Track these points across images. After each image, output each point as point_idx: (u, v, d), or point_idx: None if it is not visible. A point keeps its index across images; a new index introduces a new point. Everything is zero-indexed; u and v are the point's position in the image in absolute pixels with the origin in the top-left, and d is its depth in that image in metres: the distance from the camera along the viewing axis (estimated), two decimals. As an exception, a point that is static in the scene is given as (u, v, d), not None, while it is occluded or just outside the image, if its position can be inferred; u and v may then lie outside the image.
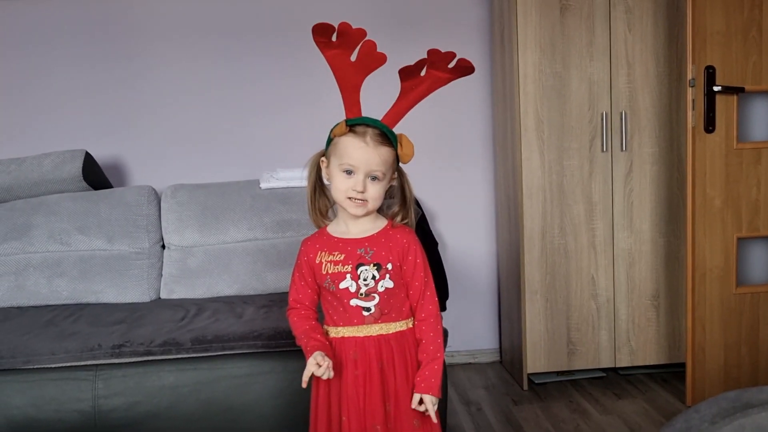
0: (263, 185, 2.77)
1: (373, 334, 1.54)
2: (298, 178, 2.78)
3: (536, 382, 2.95)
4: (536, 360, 2.89)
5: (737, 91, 2.50)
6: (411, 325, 1.59)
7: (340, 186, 1.53)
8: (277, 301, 2.45)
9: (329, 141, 1.58)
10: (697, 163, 2.53)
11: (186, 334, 2.10)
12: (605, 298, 2.89)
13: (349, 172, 1.51)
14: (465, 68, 1.54)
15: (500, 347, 3.29)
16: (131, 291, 2.60)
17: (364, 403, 1.54)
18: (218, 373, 2.05)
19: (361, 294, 1.54)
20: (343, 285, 1.54)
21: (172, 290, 2.63)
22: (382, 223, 1.60)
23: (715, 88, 2.48)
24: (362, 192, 1.51)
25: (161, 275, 2.68)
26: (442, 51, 1.50)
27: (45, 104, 3.06)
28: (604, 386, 2.89)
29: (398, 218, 1.60)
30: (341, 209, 1.58)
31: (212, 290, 2.61)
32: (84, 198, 2.72)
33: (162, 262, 2.70)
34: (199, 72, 3.10)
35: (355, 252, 1.55)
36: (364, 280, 1.53)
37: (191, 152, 3.11)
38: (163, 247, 2.74)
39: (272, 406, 2.04)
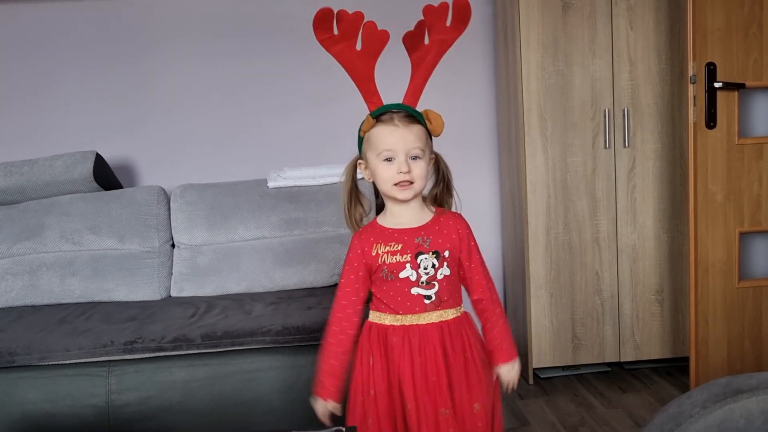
0: (271, 184, 2.82)
1: (435, 321, 1.56)
2: (305, 176, 2.83)
3: (542, 376, 2.98)
4: (541, 355, 2.92)
5: (738, 87, 2.52)
6: (463, 311, 1.61)
7: (384, 174, 1.53)
8: (285, 298, 2.50)
9: (360, 141, 1.59)
10: (699, 158, 2.55)
11: (196, 331, 2.15)
12: (609, 293, 2.92)
13: (389, 160, 1.52)
14: (462, 12, 1.54)
15: (506, 343, 3.32)
16: (142, 289, 2.65)
17: (429, 389, 1.54)
18: (228, 368, 2.10)
19: (422, 282, 1.55)
20: (403, 274, 1.54)
21: (182, 288, 2.68)
22: (430, 212, 1.61)
23: (716, 85, 2.50)
24: (408, 173, 1.51)
25: (171, 273, 2.72)
26: (435, 6, 1.53)
27: (56, 106, 3.11)
28: (609, 380, 2.92)
29: (440, 202, 1.63)
30: (389, 200, 1.58)
31: (221, 288, 2.66)
32: (95, 198, 2.77)
33: (172, 260, 2.75)
34: (207, 73, 3.14)
35: (413, 241, 1.55)
36: (425, 268, 1.54)
37: (200, 152, 3.16)
38: (173, 246, 2.79)
39: (281, 400, 2.09)
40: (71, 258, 2.68)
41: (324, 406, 1.61)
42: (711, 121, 2.53)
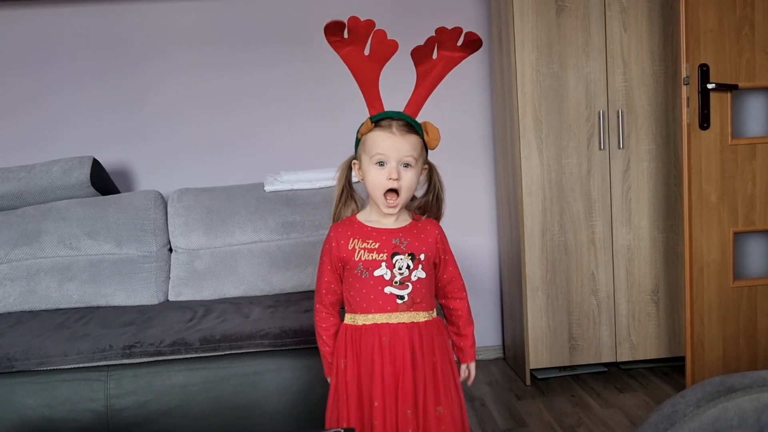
0: (267, 188, 2.83)
1: (406, 321, 1.58)
2: (302, 180, 2.84)
3: (539, 377, 2.99)
4: (538, 355, 2.93)
5: (731, 88, 2.54)
6: (435, 316, 1.65)
7: (374, 179, 1.57)
8: (283, 301, 2.51)
9: (357, 142, 1.63)
10: (693, 159, 2.57)
11: (195, 334, 2.16)
12: (605, 294, 2.94)
13: (381, 164, 1.56)
14: (473, 42, 1.60)
15: (503, 344, 3.34)
16: (140, 293, 2.65)
17: (396, 388, 1.57)
18: (226, 372, 2.11)
19: (396, 282, 1.58)
20: (378, 272, 1.57)
21: (179, 292, 2.68)
22: (409, 217, 1.66)
23: (709, 86, 2.52)
24: (397, 179, 1.54)
25: (169, 278, 2.73)
26: (449, 28, 1.58)
27: (53, 112, 3.11)
28: (605, 380, 2.94)
29: (427, 210, 1.67)
30: (374, 203, 1.62)
31: (219, 292, 2.66)
32: (92, 203, 2.77)
33: (169, 264, 2.76)
34: (203, 78, 3.15)
35: (390, 241, 1.59)
36: (399, 269, 1.58)
37: (196, 157, 3.16)
38: (171, 250, 2.80)
39: (279, 402, 2.09)
40: (69, 263, 2.68)
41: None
42: (704, 122, 2.55)
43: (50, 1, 3.07)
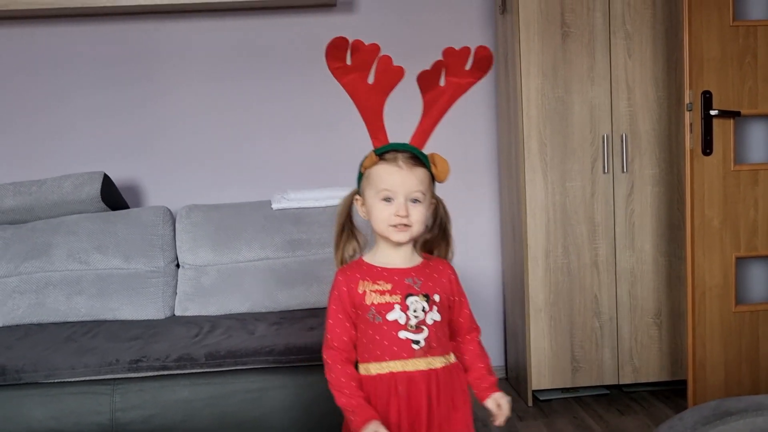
0: (275, 206, 2.86)
1: (423, 368, 1.47)
2: (309, 198, 2.87)
3: (541, 398, 3.00)
4: (541, 377, 2.94)
5: (733, 114, 2.58)
6: (453, 360, 1.54)
7: (381, 215, 1.47)
8: (288, 318, 2.53)
9: (360, 176, 1.54)
10: (696, 184, 2.59)
11: (200, 350, 2.18)
12: (608, 317, 2.95)
13: (388, 200, 1.47)
14: (484, 60, 1.52)
15: (506, 364, 3.35)
16: (147, 308, 2.68)
17: None
18: (231, 388, 2.13)
19: (411, 326, 1.47)
20: (391, 316, 1.46)
21: (186, 308, 2.71)
22: (418, 257, 1.55)
23: (712, 112, 2.56)
24: (405, 216, 1.45)
25: (176, 293, 2.76)
26: (457, 49, 1.48)
27: (64, 127, 3.16)
28: (607, 403, 2.94)
29: (432, 248, 1.56)
30: (382, 240, 1.52)
31: (225, 308, 2.69)
32: (102, 218, 2.81)
33: (176, 280, 2.79)
34: (213, 95, 3.20)
35: (404, 282, 1.48)
36: (414, 311, 1.47)
37: (205, 173, 3.20)
38: (178, 266, 2.83)
39: (283, 419, 2.11)
40: (78, 277, 2.71)
41: (378, 425, 1.42)
42: (707, 148, 2.58)
43: (60, 19, 3.13)
